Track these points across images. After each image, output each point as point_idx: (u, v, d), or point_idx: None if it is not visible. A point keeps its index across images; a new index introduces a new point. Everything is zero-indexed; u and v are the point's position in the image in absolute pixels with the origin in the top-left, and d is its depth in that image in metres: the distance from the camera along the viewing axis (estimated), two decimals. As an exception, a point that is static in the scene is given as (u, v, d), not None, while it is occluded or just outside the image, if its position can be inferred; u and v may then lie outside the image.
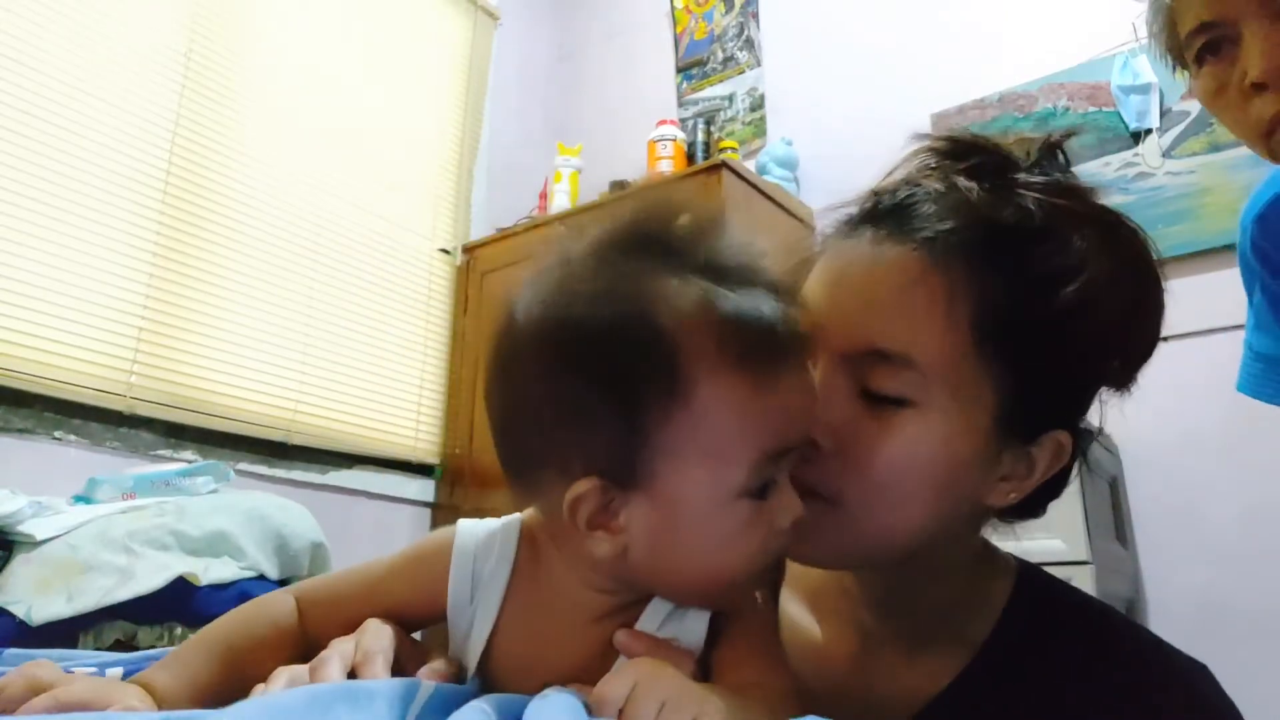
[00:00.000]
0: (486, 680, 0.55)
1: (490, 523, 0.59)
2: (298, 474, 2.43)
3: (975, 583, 0.66)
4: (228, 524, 1.62)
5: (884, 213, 0.61)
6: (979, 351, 0.56)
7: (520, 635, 0.55)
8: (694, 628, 0.54)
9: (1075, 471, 0.64)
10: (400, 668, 0.53)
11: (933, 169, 0.63)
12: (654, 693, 0.43)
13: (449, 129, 3.14)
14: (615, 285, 0.49)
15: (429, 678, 0.51)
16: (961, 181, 0.60)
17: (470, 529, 0.59)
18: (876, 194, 0.63)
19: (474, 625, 0.56)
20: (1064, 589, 0.67)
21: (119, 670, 0.56)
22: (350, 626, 0.56)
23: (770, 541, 0.52)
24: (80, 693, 0.47)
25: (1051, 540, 1.71)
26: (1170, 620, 1.96)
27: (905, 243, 0.58)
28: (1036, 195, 0.59)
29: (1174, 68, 0.84)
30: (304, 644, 0.57)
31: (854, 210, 0.64)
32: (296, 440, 2.46)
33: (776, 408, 0.50)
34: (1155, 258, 0.62)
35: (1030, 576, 0.67)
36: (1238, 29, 0.74)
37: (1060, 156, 0.66)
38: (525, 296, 0.51)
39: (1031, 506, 0.64)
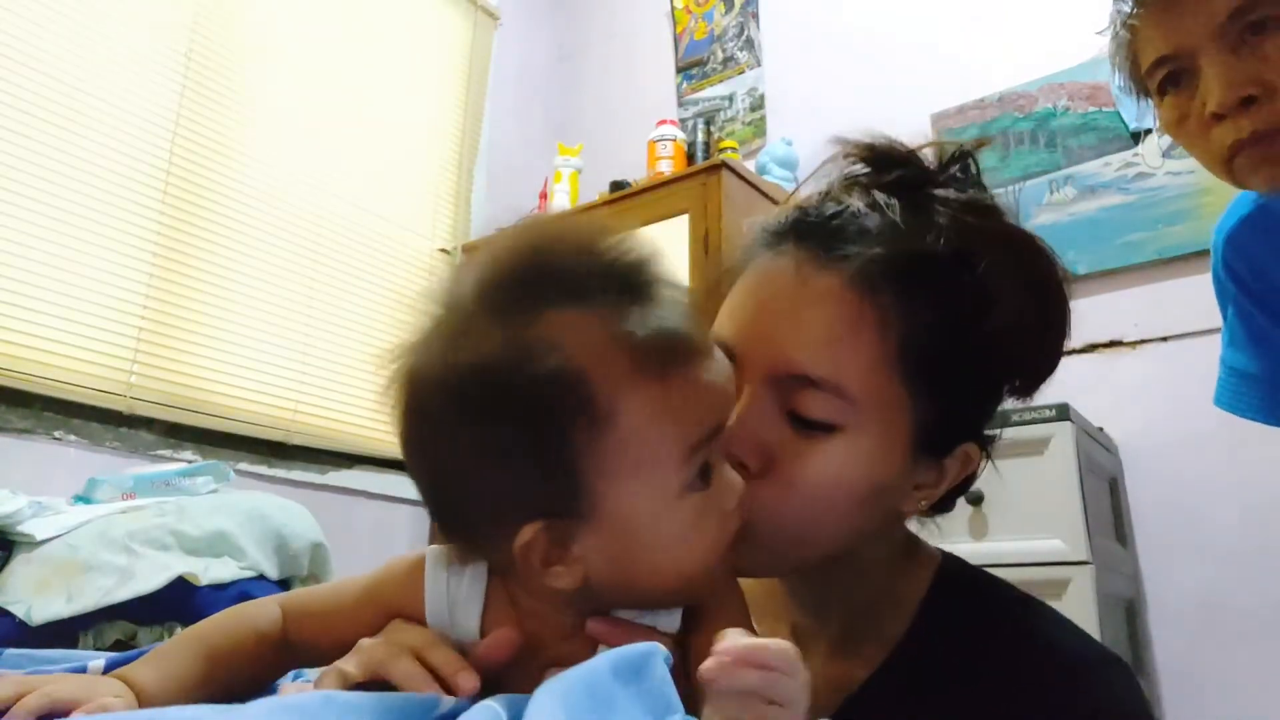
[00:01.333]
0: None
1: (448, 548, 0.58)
2: (297, 474, 2.43)
3: (895, 578, 0.67)
4: (228, 524, 1.62)
5: (809, 230, 0.62)
6: (903, 378, 0.58)
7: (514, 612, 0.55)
8: (669, 613, 0.55)
9: (1075, 471, 0.67)
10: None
11: (854, 182, 0.64)
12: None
13: (449, 129, 3.14)
14: (511, 327, 0.48)
15: (465, 686, 0.50)
16: (883, 199, 0.61)
17: (436, 553, 0.58)
18: (801, 208, 0.64)
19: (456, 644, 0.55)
20: (984, 580, 0.68)
21: (100, 663, 0.56)
22: (337, 641, 0.55)
23: (724, 524, 0.53)
24: (71, 690, 0.47)
25: (1051, 540, 1.71)
26: (1170, 620, 1.96)
27: (833, 268, 0.59)
28: (953, 214, 0.60)
29: (1138, 98, 0.86)
30: (286, 653, 0.57)
31: (777, 221, 0.64)
32: (296, 440, 2.46)
33: (693, 402, 0.50)
34: (1062, 277, 0.64)
35: (949, 570, 0.69)
36: (1195, 61, 0.76)
37: (972, 166, 0.67)
38: (422, 356, 0.51)
39: (941, 506, 0.67)
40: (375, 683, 0.49)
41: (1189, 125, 0.79)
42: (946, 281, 0.58)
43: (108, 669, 0.54)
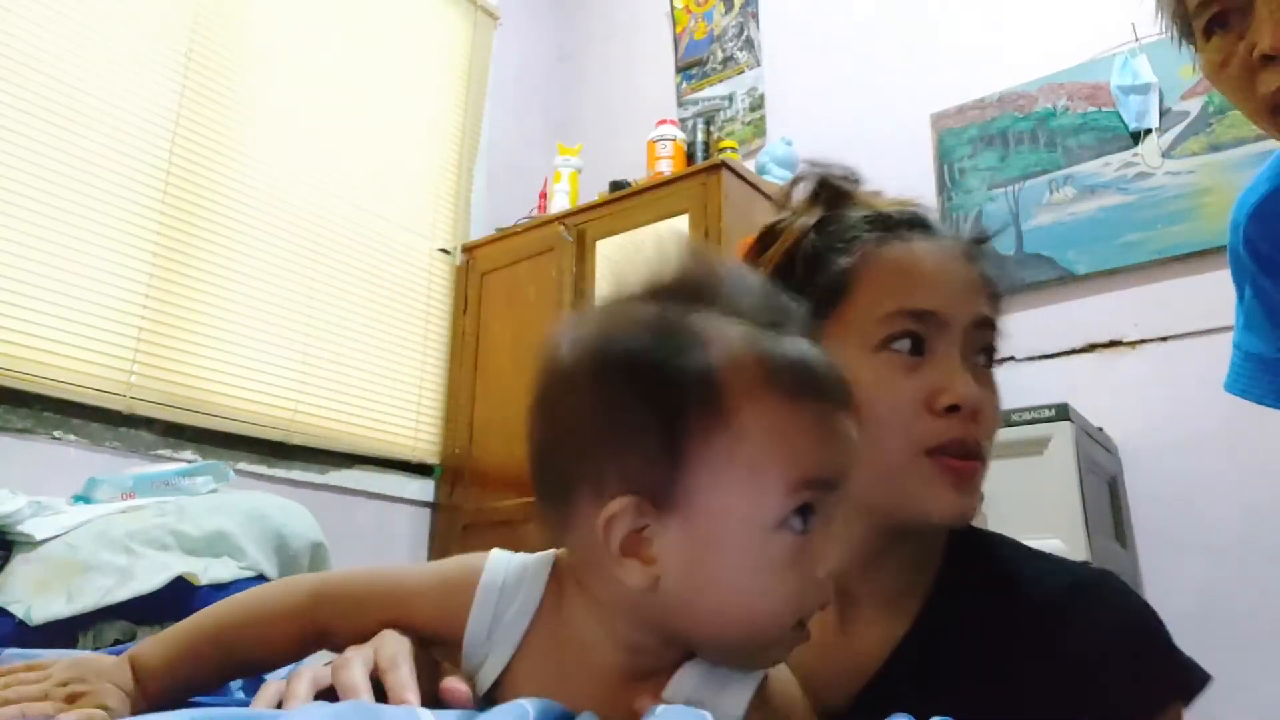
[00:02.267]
0: None
1: (522, 558, 0.58)
2: (297, 474, 2.43)
3: (932, 539, 0.75)
4: (227, 524, 1.62)
5: (918, 221, 0.74)
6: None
7: (532, 686, 0.53)
8: (731, 700, 0.52)
9: (1075, 471, 0.76)
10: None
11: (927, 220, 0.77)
12: None
13: (449, 128, 3.14)
14: (663, 318, 0.51)
15: (448, 695, 0.51)
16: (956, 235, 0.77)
17: (501, 562, 0.58)
18: (897, 212, 0.75)
19: (486, 663, 0.55)
20: (993, 537, 0.79)
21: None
22: (367, 632, 0.55)
23: (807, 590, 0.51)
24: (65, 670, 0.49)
25: (1051, 539, 1.71)
26: (1169, 619, 1.95)
27: (956, 246, 0.73)
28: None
29: (1179, 41, 0.82)
30: (313, 634, 0.57)
31: (888, 219, 0.74)
32: (296, 440, 2.46)
33: (814, 439, 0.51)
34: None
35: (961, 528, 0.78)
36: (1250, 0, 0.72)
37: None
38: (573, 330, 0.53)
39: None
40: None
41: (1232, 69, 0.75)
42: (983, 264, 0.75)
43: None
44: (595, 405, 0.51)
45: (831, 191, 0.79)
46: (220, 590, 1.54)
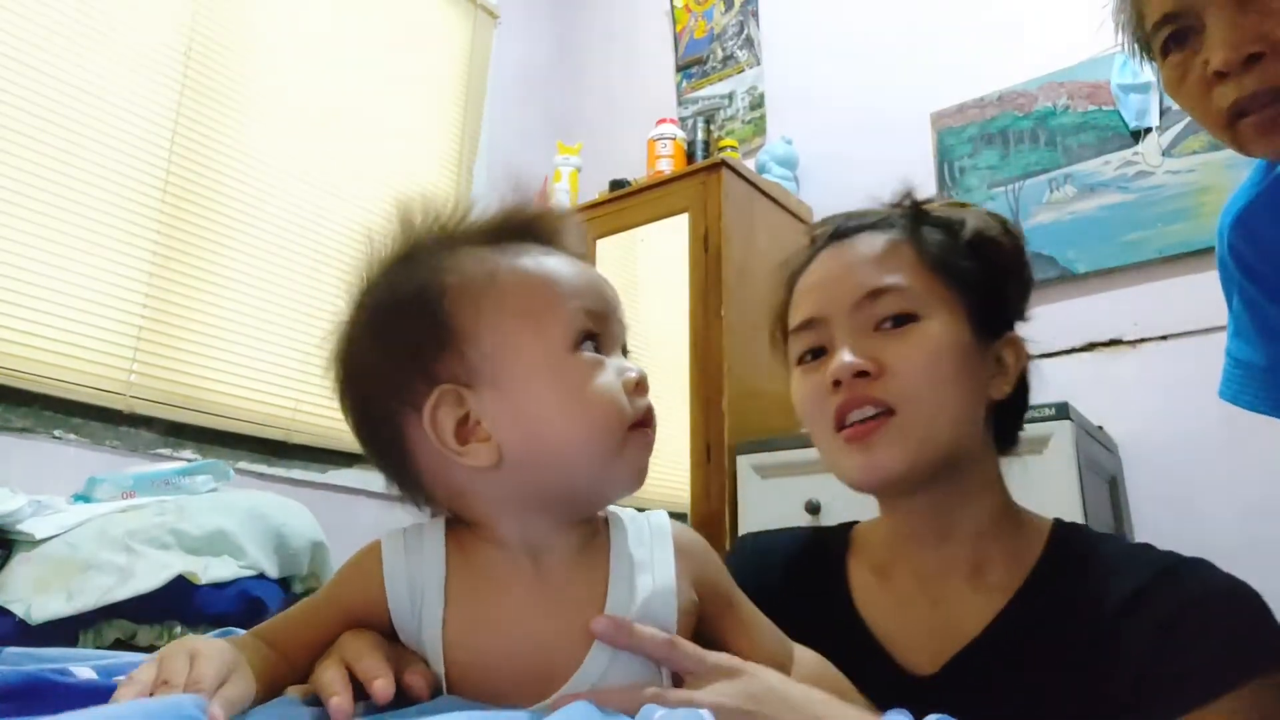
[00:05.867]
0: (453, 677, 0.56)
1: (408, 526, 0.62)
2: (297, 473, 2.43)
3: (1011, 513, 0.80)
4: (227, 523, 1.62)
5: (829, 237, 0.84)
6: (939, 276, 0.77)
7: (472, 627, 0.56)
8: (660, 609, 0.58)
9: (1075, 470, 0.76)
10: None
11: (833, 218, 0.87)
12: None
13: (449, 127, 3.14)
14: (399, 252, 0.63)
15: (411, 682, 0.52)
16: (882, 209, 0.85)
17: (395, 533, 0.61)
18: (813, 235, 0.86)
19: (423, 625, 0.57)
20: (1096, 532, 0.82)
21: (90, 673, 0.54)
22: (311, 652, 0.57)
23: (621, 396, 0.57)
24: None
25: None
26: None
27: (875, 230, 0.81)
28: (905, 203, 0.85)
29: (1141, 59, 0.84)
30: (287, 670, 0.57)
31: (804, 247, 0.86)
32: (296, 439, 2.46)
33: (568, 276, 0.59)
34: (1014, 234, 0.85)
35: (1066, 521, 0.81)
36: (1202, 19, 0.74)
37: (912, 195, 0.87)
38: (344, 301, 0.63)
39: (1014, 419, 0.83)
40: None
41: (1190, 85, 0.77)
42: (929, 220, 0.82)
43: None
44: (374, 336, 0.59)
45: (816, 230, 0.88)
46: (220, 589, 1.54)
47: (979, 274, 0.79)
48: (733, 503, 2.18)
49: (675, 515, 0.66)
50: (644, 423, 0.59)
